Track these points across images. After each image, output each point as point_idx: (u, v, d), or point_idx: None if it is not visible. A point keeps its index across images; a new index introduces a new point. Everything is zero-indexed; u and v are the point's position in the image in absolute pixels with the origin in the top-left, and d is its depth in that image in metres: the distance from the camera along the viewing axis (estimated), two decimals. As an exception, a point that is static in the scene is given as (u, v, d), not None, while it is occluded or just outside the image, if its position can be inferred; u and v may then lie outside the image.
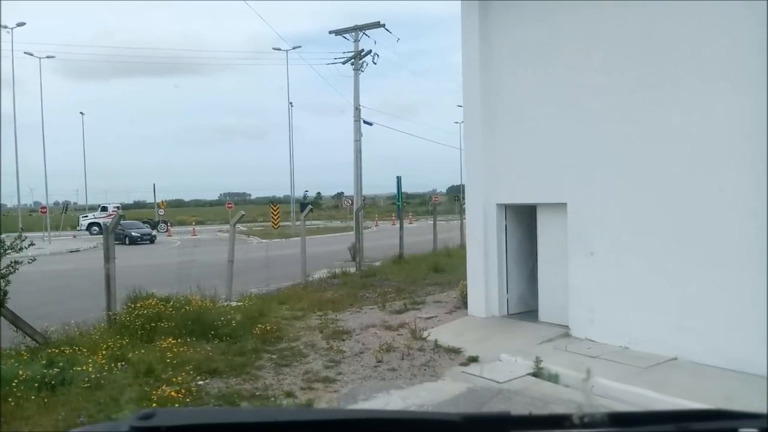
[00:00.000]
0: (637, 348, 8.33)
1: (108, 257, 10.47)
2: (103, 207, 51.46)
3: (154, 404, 6.30)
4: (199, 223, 60.95)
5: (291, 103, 44.53)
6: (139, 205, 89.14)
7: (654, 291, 8.25)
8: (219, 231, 49.02)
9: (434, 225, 24.46)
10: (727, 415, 1.38)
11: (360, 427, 1.32)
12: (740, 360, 7.27)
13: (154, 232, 41.52)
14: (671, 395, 6.63)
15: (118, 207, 50.16)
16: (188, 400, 6.68)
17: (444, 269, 17.27)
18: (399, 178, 38.21)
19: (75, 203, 76.29)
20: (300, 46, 76.81)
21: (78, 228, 49.98)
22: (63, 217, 49.02)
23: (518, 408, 6.67)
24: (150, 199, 70.57)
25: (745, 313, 7.33)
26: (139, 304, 9.96)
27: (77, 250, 33.45)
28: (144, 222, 43.72)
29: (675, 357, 7.93)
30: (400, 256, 21.12)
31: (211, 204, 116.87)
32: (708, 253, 7.72)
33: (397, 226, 23.98)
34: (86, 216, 51.41)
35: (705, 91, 7.73)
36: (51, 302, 14.22)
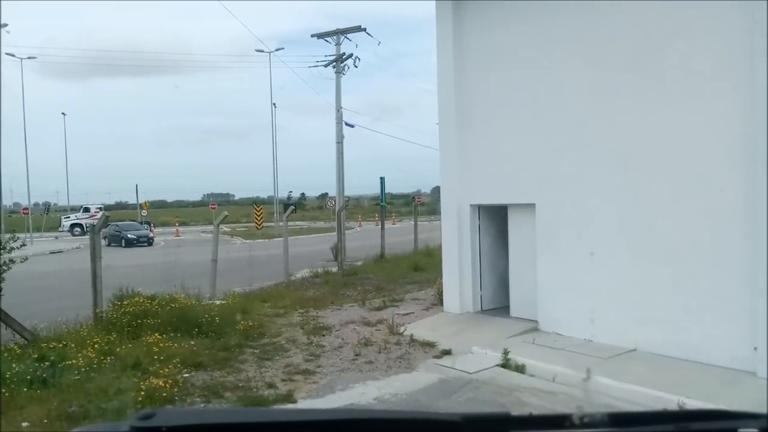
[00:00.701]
0: (600, 340, 8.85)
1: (94, 256, 10.77)
2: (86, 208, 51.27)
3: (142, 393, 6.66)
4: (183, 223, 60.88)
5: (274, 104, 44.81)
6: (120, 206, 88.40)
7: (615, 287, 8.78)
8: (202, 232, 49.07)
9: (415, 225, 24.95)
10: (727, 415, 1.38)
11: (360, 427, 1.33)
12: (694, 350, 7.80)
13: (151, 234, 39.51)
14: (627, 383, 7.15)
15: (100, 208, 50.04)
16: (175, 390, 7.07)
17: (424, 268, 17.72)
18: (382, 179, 38.59)
19: (55, 204, 75.63)
20: (283, 48, 77.10)
21: (60, 229, 49.73)
22: (45, 218, 48.75)
23: (485, 394, 7.16)
24: (132, 200, 70.17)
25: (699, 307, 7.86)
26: (125, 302, 10.27)
27: (60, 251, 33.43)
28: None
29: (634, 348, 8.45)
30: (381, 255, 21.58)
31: (194, 205, 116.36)
32: (665, 251, 8.24)
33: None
34: (68, 217, 51.20)
35: (664, 100, 8.25)
36: (36, 302, 14.42)
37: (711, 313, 7.71)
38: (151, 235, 38.70)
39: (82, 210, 51.39)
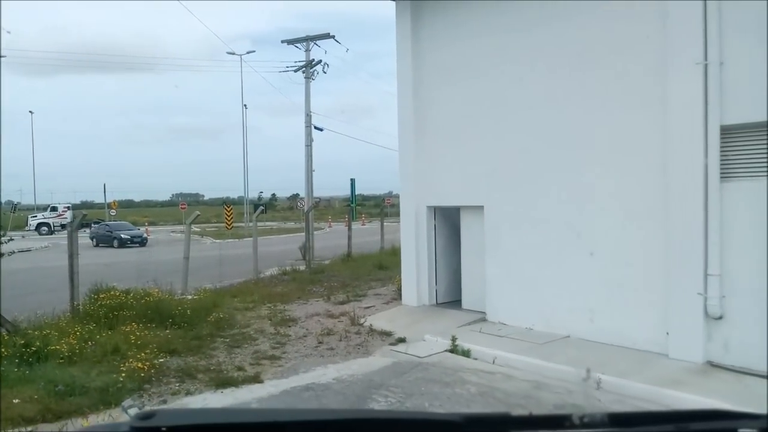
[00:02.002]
0: (539, 329, 9.83)
1: (72, 253, 11.36)
2: (53, 207, 50.90)
3: (123, 374, 7.38)
4: (152, 223, 60.67)
5: (245, 105, 45.12)
6: (86, 205, 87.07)
7: (551, 280, 9.77)
8: (172, 232, 49.24)
9: (381, 225, 25.83)
10: (727, 415, 1.39)
11: (360, 427, 1.34)
12: (618, 336, 8.82)
13: (144, 234, 37.86)
14: (556, 363, 8.12)
15: (68, 207, 49.72)
16: (152, 371, 7.80)
17: (388, 266, 18.58)
18: (353, 181, 39.44)
19: (19, 203, 74.41)
20: (254, 51, 77.34)
21: (27, 228, 49.27)
22: (11, 217, 48.26)
23: (432, 375, 8.05)
24: (98, 200, 69.66)
25: (621, 298, 8.88)
26: (102, 295, 10.90)
27: (28, 250, 33.37)
28: (94, 222, 43.05)
29: (568, 335, 9.46)
30: (348, 254, 22.40)
31: (162, 205, 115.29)
32: (594, 248, 9.24)
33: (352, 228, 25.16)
34: (35, 216, 50.75)
35: (600, 111, 9.23)
36: (11, 297, 14.84)
37: (631, 303, 8.75)
38: (145, 235, 37.43)
39: (49, 209, 51.00)
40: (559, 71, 9.65)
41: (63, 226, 47.42)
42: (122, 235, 35.34)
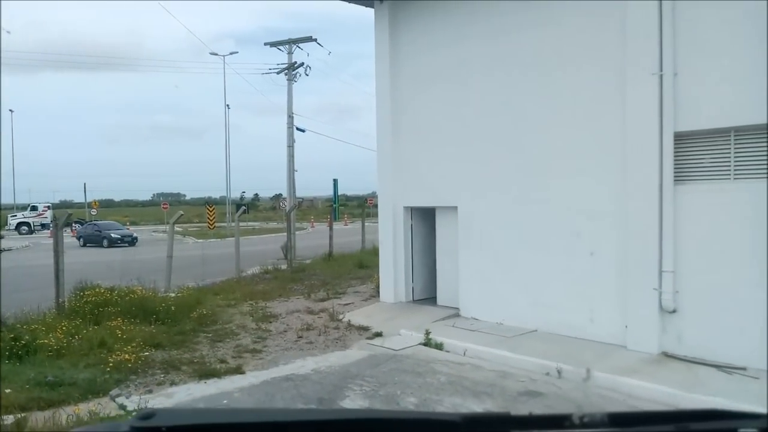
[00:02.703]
0: (509, 323, 10.34)
1: (57, 251, 11.64)
2: (33, 206, 50.56)
3: (110, 365, 7.73)
4: (133, 223, 60.36)
5: (228, 105, 45.27)
6: (65, 204, 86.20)
7: (520, 278, 10.28)
8: (153, 231, 49.19)
9: (362, 225, 26.22)
10: (727, 415, 1.38)
11: (360, 427, 1.34)
12: (581, 329, 9.34)
13: (135, 233, 37.28)
14: (521, 354, 8.63)
15: (48, 206, 49.46)
16: (139, 363, 8.16)
17: (368, 265, 18.99)
18: (335, 181, 39.77)
19: (-2, 202, 73.49)
20: (237, 52, 77.20)
21: (6, 227, 48.88)
22: (-10, 216, 47.89)
23: (405, 365, 8.51)
24: (77, 199, 69.19)
25: (584, 294, 9.40)
26: (87, 292, 11.19)
27: (9, 249, 33.28)
28: (76, 222, 42.84)
29: (535, 329, 9.97)
30: (329, 254, 22.76)
31: (143, 204, 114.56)
32: (559, 247, 9.76)
33: (333, 228, 25.55)
34: (15, 215, 50.36)
35: (558, 119, 9.75)
36: (-5, 295, 15.01)
37: (593, 299, 9.28)
38: (135, 234, 36.80)
39: (29, 208, 50.64)
40: (524, 78, 10.16)
41: (43, 226, 47.22)
42: (112, 235, 35.18)
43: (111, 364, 7.79)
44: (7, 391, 7.02)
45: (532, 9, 9.97)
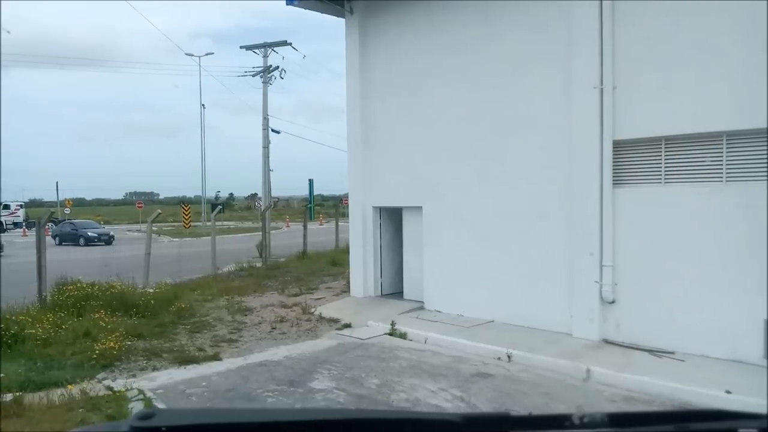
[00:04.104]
0: (469, 315, 11.16)
1: (39, 249, 12.14)
2: (5, 205, 50.10)
3: (96, 353, 8.34)
4: (107, 222, 59.98)
5: (203, 105, 45.57)
6: (35, 203, 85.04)
7: (478, 273, 11.12)
8: (128, 230, 49.16)
9: (336, 225, 26.96)
10: (727, 415, 1.40)
11: (360, 427, 1.36)
12: (533, 320, 10.20)
13: (111, 232, 37.57)
14: (476, 342, 9.44)
15: (21, 205, 49.11)
16: (122, 350, 8.78)
17: (340, 263, 19.69)
18: (311, 181, 40.34)
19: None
20: (212, 53, 77.26)
21: (-23, 226, 48.38)
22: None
23: (370, 352, 9.26)
24: (47, 198, 68.52)
25: (535, 287, 10.26)
26: (69, 287, 11.72)
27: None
28: (50, 221, 42.47)
29: (492, 320, 10.80)
30: (303, 252, 23.43)
31: (115, 204, 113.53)
32: (513, 245, 10.62)
33: (308, 227, 26.19)
34: (-14, 214, 49.83)
35: (512, 128, 10.59)
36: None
37: (544, 292, 10.14)
38: (111, 233, 37.10)
39: (2, 207, 50.17)
40: (481, 89, 11.01)
41: (16, 224, 46.89)
42: (89, 233, 35.42)
43: (97, 352, 8.40)
44: (1, 375, 7.60)
45: (488, 25, 10.82)
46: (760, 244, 7.81)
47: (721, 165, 8.29)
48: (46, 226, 39.17)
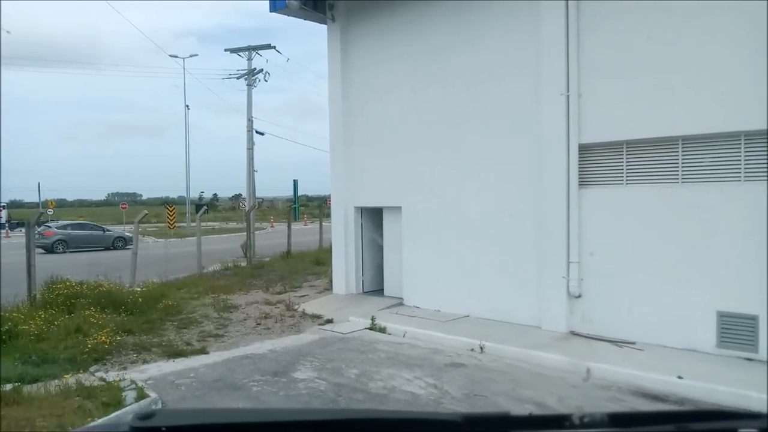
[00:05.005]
0: (446, 310, 11.69)
1: (29, 248, 12.46)
2: (-14, 207, 49.77)
3: (89, 347, 8.73)
4: (90, 223, 59.72)
5: (188, 105, 45.70)
6: (15, 204, 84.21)
7: (454, 270, 11.66)
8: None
9: (320, 225, 27.41)
10: (727, 415, 1.42)
11: (360, 427, 1.37)
12: (506, 314, 10.75)
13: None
14: (452, 335, 9.97)
15: (3, 206, 48.79)
16: (113, 345, 9.18)
17: (324, 262, 20.11)
18: (295, 182, 40.69)
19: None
20: (197, 55, 77.26)
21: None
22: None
23: (351, 345, 9.75)
24: (27, 199, 68.06)
25: (508, 283, 10.82)
26: (59, 286, 12.06)
27: (-36, 249, 33.06)
28: (38, 222, 42.14)
29: (468, 315, 11.34)
30: (288, 252, 23.83)
31: (97, 204, 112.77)
32: (487, 243, 11.17)
33: (293, 227, 26.62)
34: (-33, 215, 49.49)
35: (489, 131, 11.13)
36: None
37: (516, 288, 10.70)
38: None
39: (-17, 208, 49.86)
40: (457, 93, 11.55)
41: (-2, 225, 46.61)
42: None
43: (89, 346, 8.79)
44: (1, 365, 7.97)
45: (463, 33, 11.37)
46: (710, 240, 8.44)
47: (677, 167, 8.90)
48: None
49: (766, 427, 1.32)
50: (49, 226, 32.03)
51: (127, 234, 32.61)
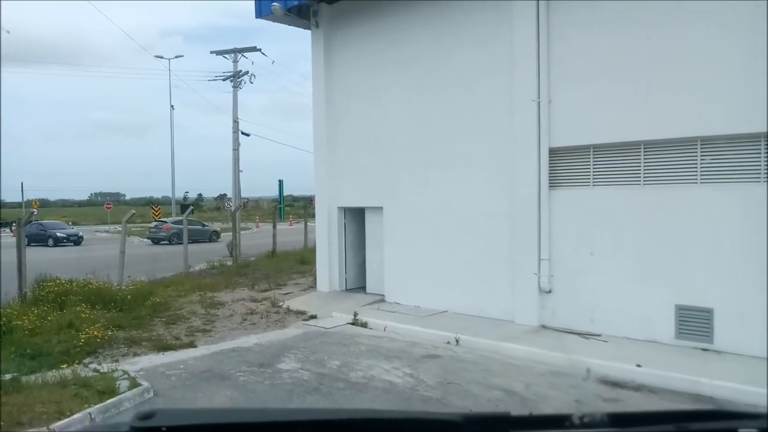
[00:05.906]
0: (425, 306, 12.21)
1: (20, 247, 12.77)
2: (-31, 206, 49.47)
3: (82, 341, 9.12)
4: (74, 223, 59.54)
5: (173, 106, 45.84)
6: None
7: (432, 268, 12.18)
8: (96, 231, 49.12)
9: (305, 225, 27.81)
10: (727, 415, 1.46)
11: (360, 427, 1.37)
12: (482, 309, 11.29)
13: (80, 233, 37.56)
14: (429, 329, 10.47)
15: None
16: (105, 339, 9.57)
17: (308, 261, 20.53)
18: (281, 182, 41.04)
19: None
20: (182, 56, 76.99)
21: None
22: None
23: (333, 339, 10.22)
24: (9, 198, 67.64)
25: (483, 280, 11.36)
26: (49, 283, 12.40)
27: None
28: (13, 222, 42.05)
29: (446, 310, 11.87)
30: (273, 251, 24.21)
31: (80, 204, 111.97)
32: (463, 242, 11.70)
33: (278, 227, 27.02)
34: (-51, 215, 49.16)
35: (462, 134, 11.66)
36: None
37: (491, 284, 11.25)
38: (80, 234, 37.15)
39: (-35, 208, 49.54)
40: (435, 98, 12.08)
41: (-20, 225, 46.39)
42: (58, 234, 35.42)
43: (82, 340, 9.18)
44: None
45: (438, 41, 11.90)
46: (670, 238, 9.03)
47: (640, 170, 9.49)
48: (13, 228, 39.07)
49: (766, 427, 1.34)
50: (165, 221, 37.30)
51: (218, 228, 39.32)
